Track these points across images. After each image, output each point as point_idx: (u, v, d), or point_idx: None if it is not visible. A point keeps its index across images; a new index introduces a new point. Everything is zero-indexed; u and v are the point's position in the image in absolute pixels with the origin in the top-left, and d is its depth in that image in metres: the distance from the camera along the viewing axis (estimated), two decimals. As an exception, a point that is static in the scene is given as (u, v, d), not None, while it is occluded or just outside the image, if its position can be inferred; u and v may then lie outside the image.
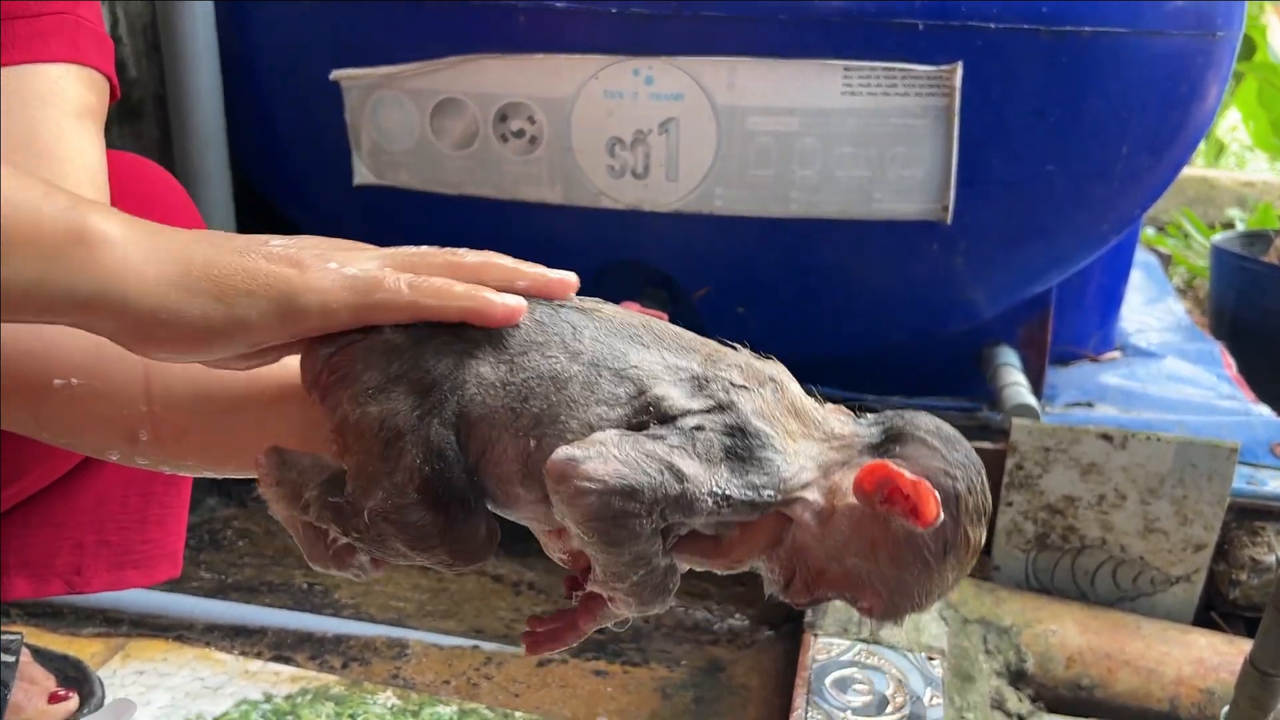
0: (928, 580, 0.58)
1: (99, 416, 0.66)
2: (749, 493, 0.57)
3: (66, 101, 0.82)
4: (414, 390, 0.56)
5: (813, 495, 0.58)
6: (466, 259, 0.61)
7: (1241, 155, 4.48)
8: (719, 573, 0.62)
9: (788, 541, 0.59)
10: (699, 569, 0.62)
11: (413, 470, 0.55)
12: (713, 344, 0.62)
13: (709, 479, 0.56)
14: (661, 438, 0.56)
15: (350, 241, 0.61)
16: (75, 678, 1.26)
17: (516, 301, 0.59)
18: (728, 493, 0.57)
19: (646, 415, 0.58)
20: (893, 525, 0.56)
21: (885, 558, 0.57)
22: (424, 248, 0.61)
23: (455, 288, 0.58)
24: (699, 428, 0.57)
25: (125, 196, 0.96)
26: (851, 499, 0.57)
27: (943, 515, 0.55)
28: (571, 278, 0.62)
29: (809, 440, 0.60)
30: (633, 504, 0.54)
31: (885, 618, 0.60)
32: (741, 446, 0.57)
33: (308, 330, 0.57)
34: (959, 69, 1.48)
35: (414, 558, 0.58)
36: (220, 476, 0.71)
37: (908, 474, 0.55)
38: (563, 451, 0.55)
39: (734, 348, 0.62)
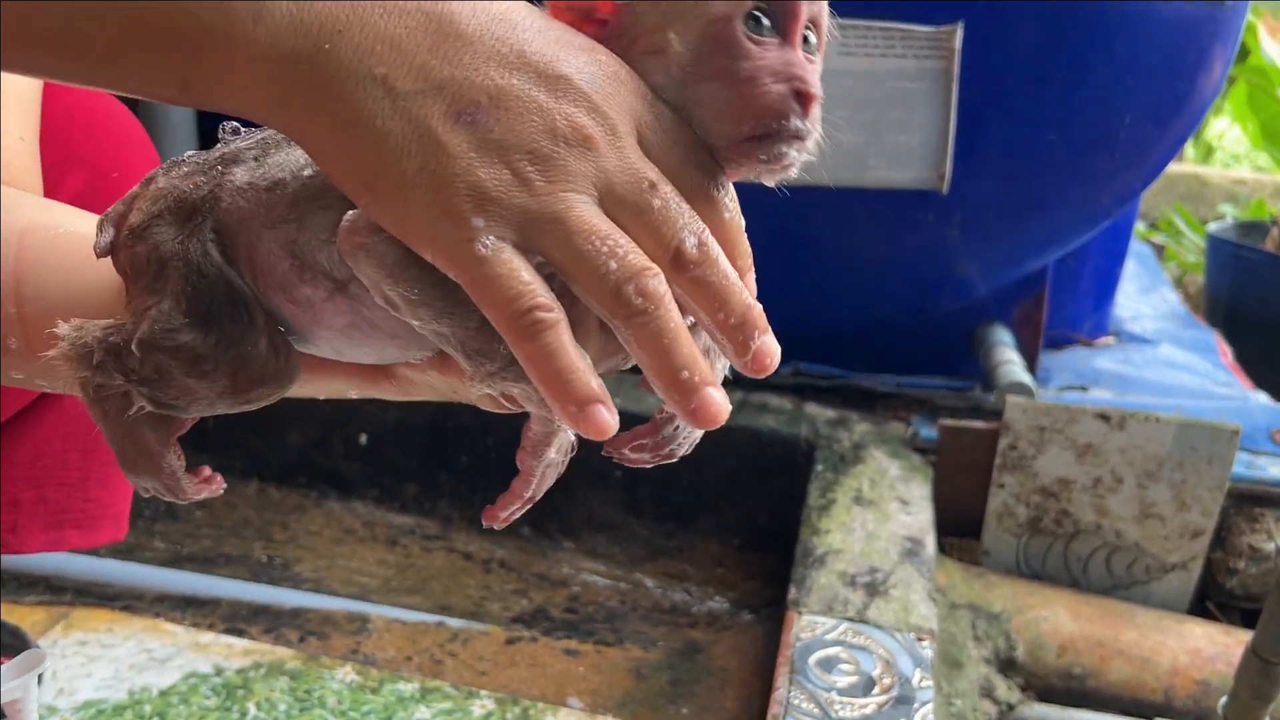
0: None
1: None
2: None
3: None
4: (176, 220, 0.54)
5: None
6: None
7: (1228, 162, 4.46)
8: None
9: None
10: None
11: (178, 294, 0.54)
12: None
13: None
14: None
15: None
16: (12, 646, 1.19)
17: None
18: None
19: None
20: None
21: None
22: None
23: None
24: None
25: (76, 126, 0.89)
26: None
27: None
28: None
29: None
30: None
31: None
32: None
33: None
34: (959, 30, 1.43)
35: (201, 393, 0.54)
36: None
37: None
38: (347, 216, 0.46)
39: None
